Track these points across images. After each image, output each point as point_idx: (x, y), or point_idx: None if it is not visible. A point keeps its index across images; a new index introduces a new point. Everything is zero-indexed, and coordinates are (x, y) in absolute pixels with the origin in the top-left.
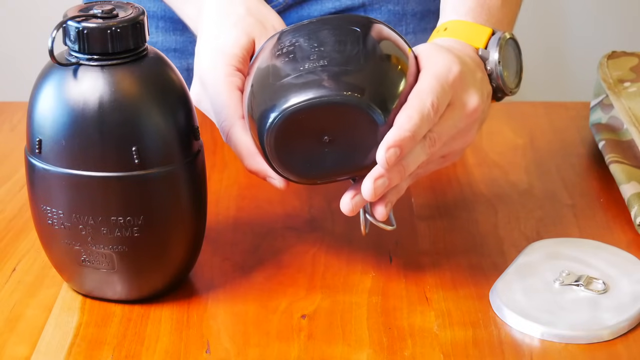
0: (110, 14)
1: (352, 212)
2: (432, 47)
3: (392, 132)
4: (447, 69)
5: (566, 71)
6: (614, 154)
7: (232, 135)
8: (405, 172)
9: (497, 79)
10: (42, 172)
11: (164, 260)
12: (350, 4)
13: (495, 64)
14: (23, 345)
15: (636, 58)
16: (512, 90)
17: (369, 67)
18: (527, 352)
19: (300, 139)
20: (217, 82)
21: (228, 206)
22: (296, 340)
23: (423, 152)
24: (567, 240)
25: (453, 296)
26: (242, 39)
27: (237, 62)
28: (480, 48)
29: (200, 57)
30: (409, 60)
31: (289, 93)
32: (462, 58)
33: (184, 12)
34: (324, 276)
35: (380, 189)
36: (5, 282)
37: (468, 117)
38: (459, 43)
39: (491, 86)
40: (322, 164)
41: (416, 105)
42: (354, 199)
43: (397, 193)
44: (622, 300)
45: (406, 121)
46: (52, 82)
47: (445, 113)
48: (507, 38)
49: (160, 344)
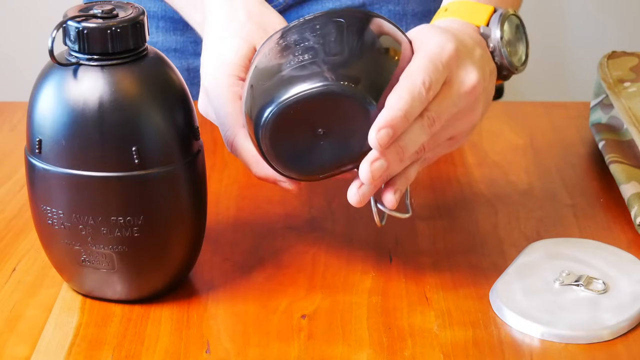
0: (110, 14)
1: (360, 203)
2: (426, 29)
3: (382, 113)
4: (440, 48)
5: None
6: (614, 154)
7: (236, 144)
8: (405, 154)
9: (501, 57)
10: (42, 172)
11: (164, 260)
12: (350, 4)
13: (497, 41)
14: (23, 345)
15: (636, 58)
16: (517, 68)
17: (357, 55)
18: (527, 352)
19: (295, 133)
20: (219, 93)
21: (228, 206)
22: (296, 340)
23: (422, 132)
24: (567, 240)
25: (453, 296)
26: (243, 48)
27: (239, 71)
28: (481, 26)
29: (204, 68)
30: (402, 45)
31: (278, 89)
32: (458, 36)
33: (191, 18)
34: (324, 276)
35: (378, 172)
36: (5, 282)
37: (468, 95)
38: (459, 22)
39: (495, 64)
40: (320, 157)
41: (406, 85)
42: (361, 189)
43: (406, 180)
44: (622, 300)
45: (396, 101)
46: (52, 82)
47: (442, 91)
48: (509, 14)
49: (160, 344)
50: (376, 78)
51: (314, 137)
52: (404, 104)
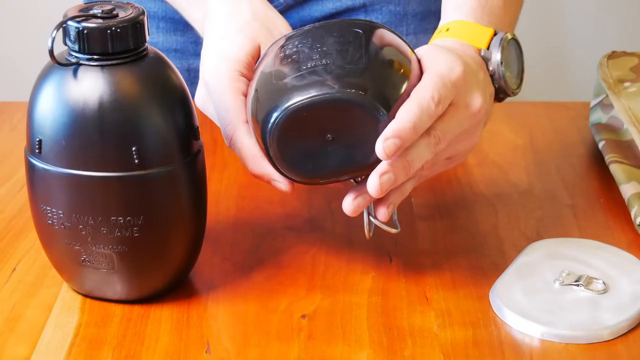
0: (110, 14)
1: (355, 213)
2: (434, 48)
3: (391, 124)
4: (449, 68)
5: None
6: (614, 154)
7: (236, 139)
8: (411, 169)
9: (500, 80)
10: (42, 172)
11: (164, 260)
12: (351, 5)
13: (497, 64)
14: (23, 345)
15: (636, 58)
16: (514, 91)
17: (371, 66)
18: (527, 352)
19: (303, 137)
20: (221, 86)
21: (228, 206)
22: (296, 340)
23: (428, 150)
24: (567, 240)
25: (453, 296)
26: (247, 45)
27: (242, 67)
28: (482, 49)
29: (205, 62)
30: (411, 61)
31: (291, 92)
32: (464, 58)
33: (190, 15)
34: (324, 276)
35: (386, 185)
36: (5, 282)
37: (472, 118)
38: (461, 44)
39: (493, 87)
40: (326, 163)
41: (416, 98)
42: (356, 200)
43: (400, 195)
44: (622, 300)
45: (405, 113)
46: (52, 82)
47: (449, 112)
48: (509, 39)
49: (160, 344)
50: (387, 89)
51: (322, 142)
52: (413, 116)
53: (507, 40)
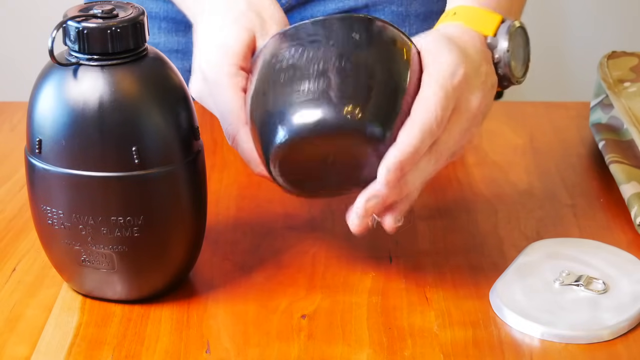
0: (110, 14)
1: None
2: (437, 40)
3: (393, 150)
4: (451, 73)
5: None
6: (614, 154)
7: (238, 141)
8: (406, 189)
9: (505, 68)
10: (42, 172)
11: (164, 260)
12: (353, 5)
13: (503, 52)
14: (23, 345)
15: (636, 58)
16: (518, 80)
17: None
18: (527, 352)
19: (305, 161)
20: (221, 83)
21: (228, 206)
22: (296, 340)
23: (429, 165)
24: (567, 240)
25: (453, 296)
26: (244, 35)
27: (240, 59)
28: (489, 36)
29: (202, 52)
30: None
31: (293, 119)
32: (467, 52)
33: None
34: (324, 276)
35: (372, 209)
36: (5, 282)
37: (473, 118)
38: (467, 31)
39: (497, 75)
40: (326, 181)
41: (419, 120)
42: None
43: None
44: (622, 300)
45: (407, 137)
46: (52, 82)
47: (451, 118)
48: (517, 27)
49: (160, 344)
50: (386, 111)
51: (324, 164)
52: (415, 140)
53: (515, 27)
